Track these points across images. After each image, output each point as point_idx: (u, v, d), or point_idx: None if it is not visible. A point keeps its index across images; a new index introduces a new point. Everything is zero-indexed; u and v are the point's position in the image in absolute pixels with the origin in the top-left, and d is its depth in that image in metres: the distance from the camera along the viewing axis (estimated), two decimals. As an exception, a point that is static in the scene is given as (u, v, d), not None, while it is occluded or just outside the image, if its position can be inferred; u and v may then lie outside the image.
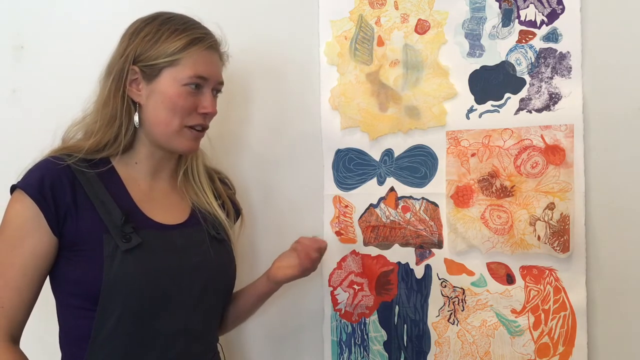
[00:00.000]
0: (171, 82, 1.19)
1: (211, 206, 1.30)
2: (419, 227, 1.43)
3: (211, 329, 1.28)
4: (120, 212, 1.16)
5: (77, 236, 1.14)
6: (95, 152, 1.19)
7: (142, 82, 1.20)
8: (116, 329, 1.13)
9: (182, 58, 1.18)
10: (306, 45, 1.50)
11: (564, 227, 1.31)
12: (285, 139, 1.52)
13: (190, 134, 1.22)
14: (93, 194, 1.16)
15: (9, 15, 1.62)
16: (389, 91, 1.44)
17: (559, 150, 1.32)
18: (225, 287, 1.29)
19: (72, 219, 1.14)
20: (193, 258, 1.21)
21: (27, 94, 1.61)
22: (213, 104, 1.23)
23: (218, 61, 1.26)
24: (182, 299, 1.18)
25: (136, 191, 1.23)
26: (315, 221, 1.50)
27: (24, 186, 1.14)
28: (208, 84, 1.22)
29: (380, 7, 1.45)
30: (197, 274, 1.20)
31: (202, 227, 1.26)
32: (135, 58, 1.19)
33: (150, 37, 1.20)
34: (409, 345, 1.44)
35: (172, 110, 1.19)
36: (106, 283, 1.11)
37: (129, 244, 1.13)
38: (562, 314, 1.33)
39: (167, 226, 1.22)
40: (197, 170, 1.32)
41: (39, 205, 1.12)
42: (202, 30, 1.23)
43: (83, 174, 1.17)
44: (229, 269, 1.29)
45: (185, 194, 1.30)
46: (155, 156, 1.25)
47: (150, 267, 1.15)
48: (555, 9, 1.32)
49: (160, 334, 1.16)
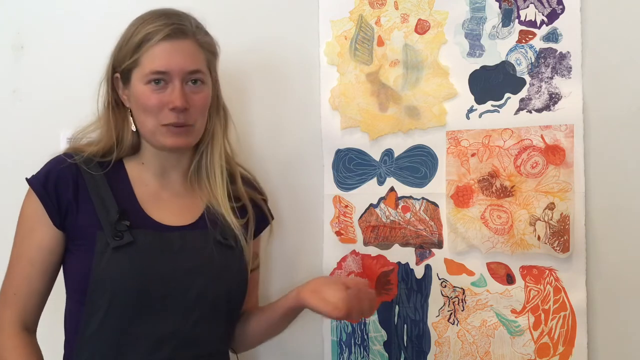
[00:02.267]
0: (137, 82, 1.19)
1: (222, 207, 1.24)
2: (419, 227, 1.43)
3: (208, 337, 1.21)
4: (117, 209, 1.17)
5: (76, 231, 1.17)
6: (103, 155, 1.22)
7: (125, 88, 1.22)
8: (102, 327, 1.14)
9: (141, 56, 1.17)
10: (306, 45, 1.50)
11: (564, 227, 1.31)
12: (285, 139, 1.52)
13: (167, 131, 1.18)
14: (95, 191, 1.19)
15: (9, 15, 1.62)
16: (389, 91, 1.44)
17: (559, 150, 1.32)
18: (228, 295, 1.22)
19: (73, 214, 1.17)
20: (189, 262, 1.18)
21: (27, 94, 1.61)
22: (179, 97, 1.15)
23: (184, 49, 1.17)
24: (173, 302, 1.16)
25: (142, 191, 1.23)
26: (315, 221, 1.50)
27: (31, 181, 1.20)
28: (172, 77, 1.16)
29: (380, 7, 1.45)
30: (192, 278, 1.17)
31: (208, 231, 1.22)
32: (115, 66, 1.22)
33: (121, 42, 1.21)
34: (409, 345, 1.44)
35: (143, 110, 1.18)
36: (93, 279, 1.13)
37: (120, 241, 1.14)
38: (562, 314, 1.33)
39: (168, 227, 1.20)
40: (211, 168, 1.26)
41: (40, 200, 1.17)
42: (161, 22, 1.17)
43: (89, 172, 1.19)
44: (233, 277, 1.23)
45: (198, 193, 1.26)
46: (159, 156, 1.24)
47: (139, 266, 1.14)
48: (555, 9, 1.32)
49: (147, 335, 1.15)
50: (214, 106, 1.27)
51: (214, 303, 1.20)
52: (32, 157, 1.56)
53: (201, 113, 1.22)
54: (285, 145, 1.52)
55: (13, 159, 1.60)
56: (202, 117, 1.22)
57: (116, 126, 1.23)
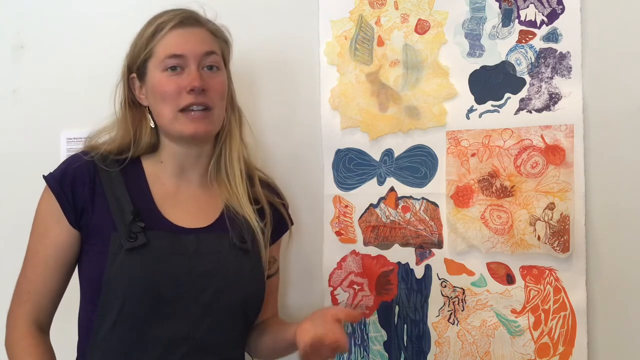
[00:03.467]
0: (153, 71, 1.19)
1: (243, 207, 1.22)
2: (419, 227, 1.43)
3: (222, 343, 1.18)
4: (132, 210, 1.16)
5: (91, 230, 1.17)
6: (119, 153, 1.22)
7: (141, 85, 1.22)
8: (114, 328, 1.12)
9: (155, 45, 1.18)
10: (306, 45, 1.50)
11: (564, 227, 1.31)
12: (285, 139, 1.52)
13: (185, 117, 1.17)
14: (110, 190, 1.18)
15: (9, 15, 1.62)
16: (389, 91, 1.44)
17: (559, 150, 1.32)
18: (242, 301, 1.19)
19: (88, 213, 1.17)
20: (204, 265, 1.15)
21: (27, 94, 1.61)
22: (196, 78, 1.16)
23: (197, 35, 1.19)
24: (186, 306, 1.14)
25: (159, 191, 1.22)
26: (315, 221, 1.50)
27: (48, 178, 1.19)
28: (188, 61, 1.17)
29: (380, 7, 1.45)
30: (206, 282, 1.14)
31: (226, 234, 1.19)
32: (130, 66, 1.23)
33: (134, 40, 1.23)
34: (409, 345, 1.44)
35: (162, 99, 1.18)
36: (106, 280, 1.12)
37: (134, 242, 1.12)
38: (562, 314, 1.33)
39: (184, 229, 1.18)
40: (230, 166, 1.25)
41: (57, 197, 1.17)
42: (172, 13, 1.20)
43: (106, 170, 1.19)
44: (249, 282, 1.20)
45: (217, 193, 1.24)
46: (178, 155, 1.23)
47: (152, 268, 1.12)
48: (555, 9, 1.32)
49: (159, 339, 1.13)
50: (229, 103, 1.27)
51: (228, 308, 1.17)
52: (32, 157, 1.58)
53: (220, 97, 1.21)
54: (285, 145, 1.52)
55: (13, 159, 1.60)
56: (220, 102, 1.21)
57: (133, 124, 1.23)
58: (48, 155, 1.54)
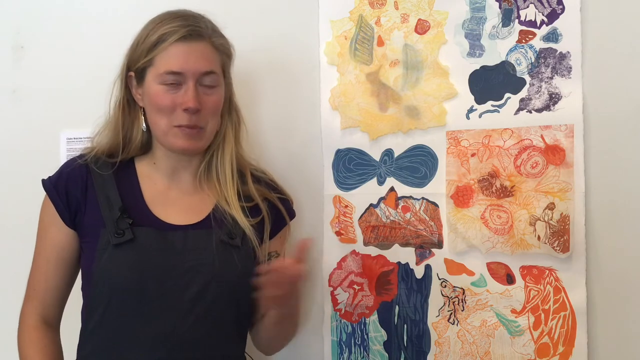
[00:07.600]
0: (151, 82, 1.19)
1: (232, 206, 1.23)
2: (419, 227, 1.43)
3: (210, 340, 1.18)
4: (119, 206, 1.19)
5: (84, 229, 1.21)
6: (110, 155, 1.24)
7: (138, 86, 1.23)
8: (101, 322, 1.16)
9: (156, 55, 1.18)
10: (306, 45, 1.50)
11: (564, 227, 1.31)
12: (285, 139, 1.52)
13: (180, 132, 1.18)
14: (101, 190, 1.21)
15: (9, 15, 1.62)
16: (389, 91, 1.44)
17: (559, 150, 1.32)
18: (229, 296, 1.19)
19: (82, 213, 1.21)
20: (189, 261, 1.17)
21: (27, 93, 1.61)
22: (192, 98, 1.16)
23: (199, 51, 1.18)
24: (171, 302, 1.15)
25: (150, 189, 1.24)
26: (315, 221, 1.50)
27: (45, 182, 1.24)
28: (186, 78, 1.17)
29: (380, 7, 1.45)
30: (191, 277, 1.15)
31: (212, 230, 1.20)
32: (129, 65, 1.23)
33: (136, 41, 1.22)
34: (409, 345, 1.44)
35: (157, 110, 1.19)
36: (94, 275, 1.16)
37: (120, 238, 1.15)
38: (562, 314, 1.33)
39: (172, 226, 1.20)
40: (221, 169, 1.25)
41: (52, 200, 1.22)
42: (177, 23, 1.18)
43: (98, 171, 1.22)
44: (237, 277, 1.19)
45: (207, 193, 1.26)
46: (171, 157, 1.25)
47: (137, 263, 1.15)
48: (555, 9, 1.32)
49: (145, 334, 1.14)
50: (226, 108, 1.28)
51: (216, 303, 1.17)
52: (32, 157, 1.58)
53: (213, 115, 1.22)
54: (285, 145, 1.52)
55: (13, 159, 1.60)
56: (213, 120, 1.23)
57: (124, 125, 1.25)
58: (48, 155, 1.54)
